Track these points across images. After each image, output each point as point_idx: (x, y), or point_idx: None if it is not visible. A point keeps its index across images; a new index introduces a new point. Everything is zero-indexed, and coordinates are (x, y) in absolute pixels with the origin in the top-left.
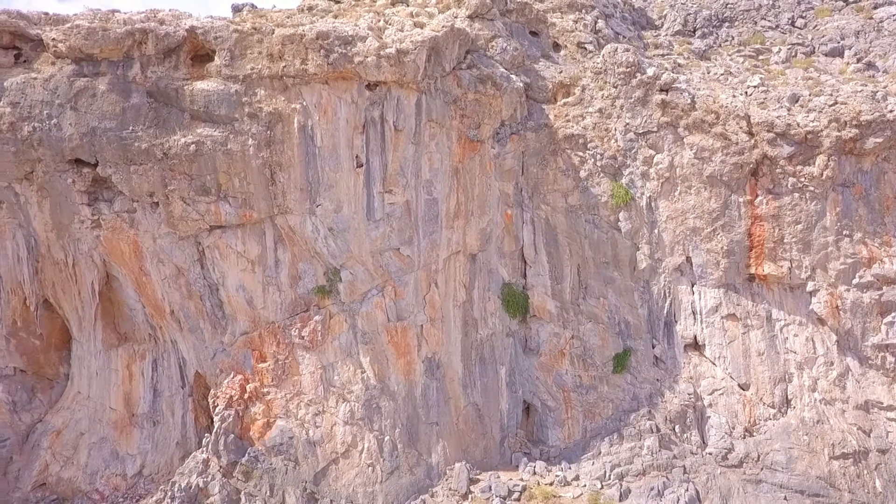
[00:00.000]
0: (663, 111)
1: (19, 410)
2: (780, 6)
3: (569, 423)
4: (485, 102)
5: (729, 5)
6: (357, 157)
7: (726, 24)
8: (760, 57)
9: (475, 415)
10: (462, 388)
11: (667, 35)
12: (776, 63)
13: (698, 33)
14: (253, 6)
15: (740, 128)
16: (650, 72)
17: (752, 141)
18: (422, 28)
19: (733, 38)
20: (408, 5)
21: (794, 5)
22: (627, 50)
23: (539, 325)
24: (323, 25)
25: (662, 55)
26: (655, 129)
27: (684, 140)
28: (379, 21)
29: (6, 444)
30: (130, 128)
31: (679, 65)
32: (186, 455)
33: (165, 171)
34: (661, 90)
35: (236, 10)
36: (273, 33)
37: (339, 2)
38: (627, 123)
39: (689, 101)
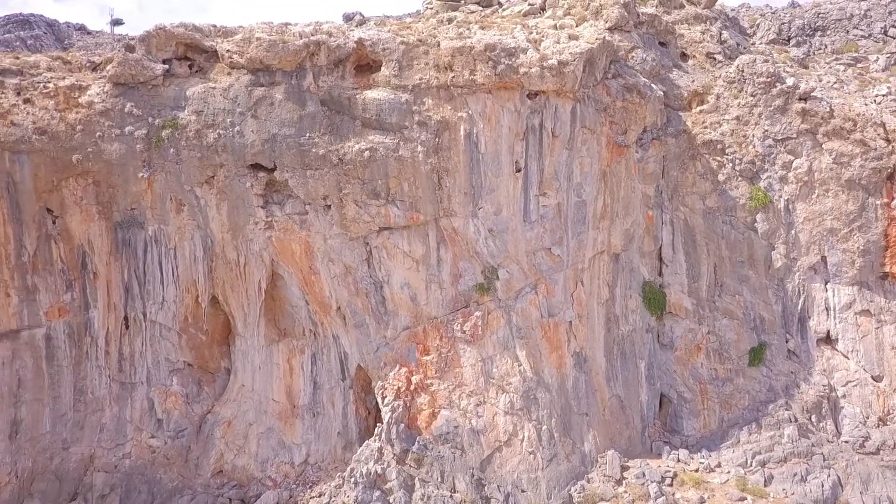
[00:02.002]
0: (803, 119)
1: (191, 402)
2: (871, 16)
3: (704, 414)
4: (631, 110)
5: (821, 15)
6: (517, 162)
7: (819, 32)
8: (859, 65)
9: (619, 406)
10: (606, 380)
11: (762, 43)
12: (875, 71)
13: (793, 42)
14: (361, 14)
15: (878, 134)
16: (790, 81)
17: (890, 147)
18: (576, 40)
19: (826, 47)
20: (536, 17)
21: (885, 15)
22: (766, 61)
23: (673, 322)
24: (489, 38)
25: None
26: (794, 135)
27: (823, 146)
28: (531, 33)
29: (184, 433)
30: (307, 135)
31: (787, 73)
32: (348, 444)
33: (340, 176)
34: (801, 99)
35: (347, 18)
36: (439, 45)
37: (458, 11)
38: (766, 130)
39: (827, 109)
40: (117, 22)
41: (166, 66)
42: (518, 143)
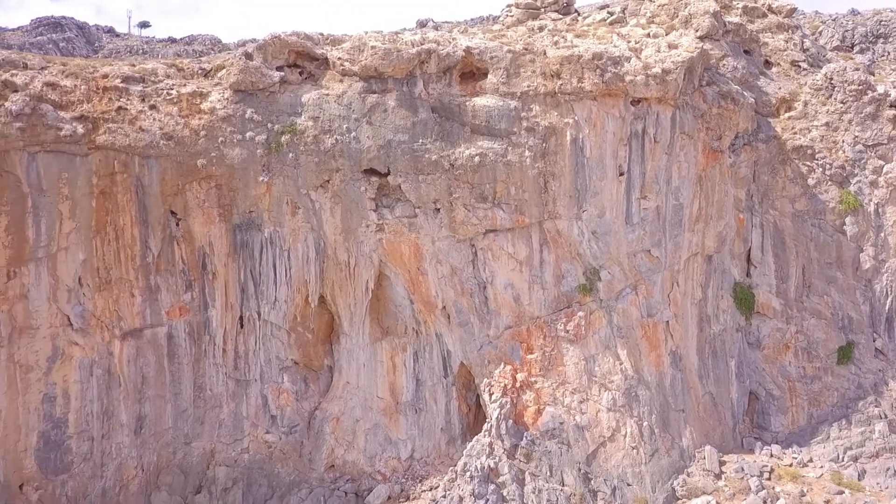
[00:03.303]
0: (894, 125)
1: (300, 399)
2: None
3: (793, 411)
4: (726, 116)
5: (883, 22)
6: (620, 166)
7: (881, 39)
8: None
9: (711, 403)
10: (698, 378)
11: (826, 50)
12: None
13: (856, 49)
14: (433, 21)
15: None
16: (880, 88)
17: None
18: (675, 49)
19: (889, 54)
20: (622, 25)
21: None
22: (857, 69)
23: (760, 321)
24: (596, 47)
25: None
26: (885, 141)
27: None
28: (629, 42)
29: (297, 429)
30: (420, 140)
31: None
32: (451, 440)
33: (451, 181)
34: (892, 106)
35: (421, 24)
36: (545, 54)
37: (541, 20)
38: (856, 136)
39: None
40: (144, 24)
41: (282, 74)
42: (622, 147)
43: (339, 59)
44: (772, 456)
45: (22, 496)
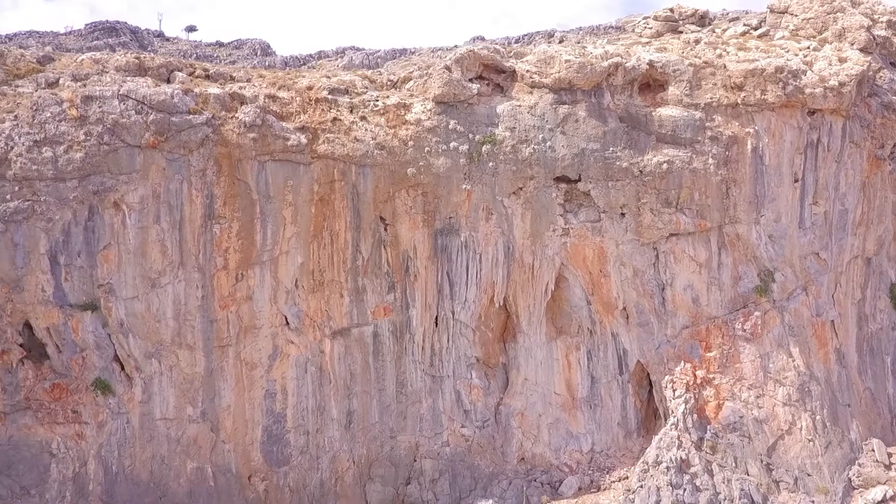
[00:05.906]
0: None
1: (485, 395)
2: None
3: None
4: (888, 125)
5: None
6: (795, 173)
7: None
8: None
9: (871, 398)
10: (858, 374)
11: None
12: None
13: None
14: (559, 31)
15: None
16: None
17: None
18: (845, 62)
19: None
20: (771, 39)
21: None
22: None
23: None
24: (776, 60)
25: None
26: None
27: None
28: (797, 55)
29: (488, 423)
30: (611, 149)
31: None
32: (628, 434)
33: (640, 187)
34: None
35: (549, 35)
36: (725, 67)
37: (682, 30)
38: None
39: None
40: (191, 28)
41: (478, 86)
42: (797, 156)
43: (528, 71)
44: None
45: (250, 486)
